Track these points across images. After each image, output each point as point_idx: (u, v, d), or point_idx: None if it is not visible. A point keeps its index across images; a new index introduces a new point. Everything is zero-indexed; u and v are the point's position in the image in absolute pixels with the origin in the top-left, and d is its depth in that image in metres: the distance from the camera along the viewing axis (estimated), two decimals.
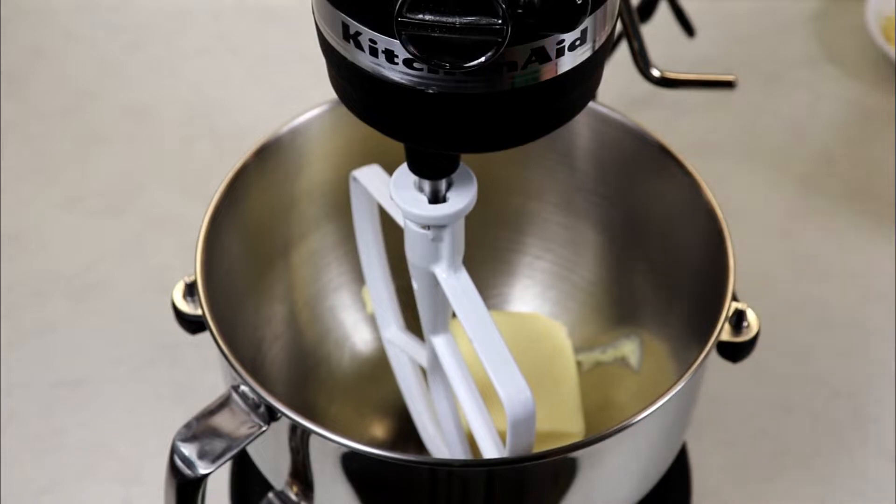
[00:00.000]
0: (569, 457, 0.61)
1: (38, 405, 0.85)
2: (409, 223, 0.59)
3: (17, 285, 0.92)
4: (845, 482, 0.81)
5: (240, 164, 0.72)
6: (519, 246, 0.83)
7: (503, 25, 0.45)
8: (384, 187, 0.66)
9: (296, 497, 0.67)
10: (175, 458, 0.61)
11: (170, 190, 0.99)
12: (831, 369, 0.87)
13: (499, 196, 0.80)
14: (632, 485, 0.68)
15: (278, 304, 0.78)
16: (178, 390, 0.86)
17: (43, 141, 1.03)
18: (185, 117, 1.05)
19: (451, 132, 0.51)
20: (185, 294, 0.69)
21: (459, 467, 0.63)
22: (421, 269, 0.61)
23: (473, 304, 0.59)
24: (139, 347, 0.88)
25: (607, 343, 0.81)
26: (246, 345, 0.73)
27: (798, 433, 0.84)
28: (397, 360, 0.76)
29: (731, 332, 0.68)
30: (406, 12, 0.45)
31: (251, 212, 0.73)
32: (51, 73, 1.09)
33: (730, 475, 0.82)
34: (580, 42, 0.49)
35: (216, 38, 1.13)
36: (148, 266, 0.93)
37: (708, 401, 0.81)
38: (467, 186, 0.58)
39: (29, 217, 0.97)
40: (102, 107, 1.06)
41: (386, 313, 0.75)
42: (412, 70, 0.49)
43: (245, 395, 0.62)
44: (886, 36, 1.09)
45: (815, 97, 1.07)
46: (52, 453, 0.83)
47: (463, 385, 0.64)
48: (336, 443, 0.60)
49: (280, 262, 0.78)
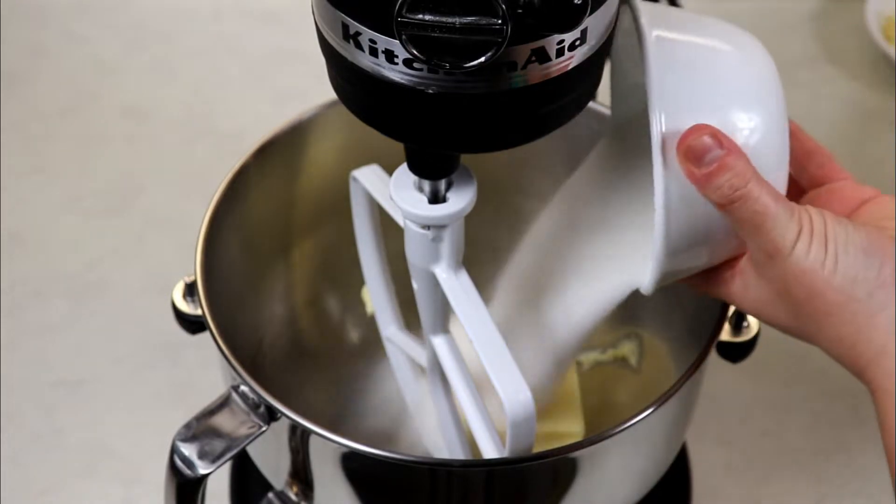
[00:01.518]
0: (569, 457, 0.61)
1: (38, 405, 0.85)
2: (409, 223, 0.59)
3: (17, 285, 0.92)
4: (845, 482, 0.81)
5: (240, 164, 0.72)
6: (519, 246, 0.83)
7: (503, 25, 0.45)
8: (384, 187, 0.66)
9: (296, 497, 0.67)
10: (175, 458, 0.61)
11: (170, 190, 0.99)
12: (831, 369, 0.87)
13: (499, 196, 0.80)
14: (632, 485, 0.68)
15: (278, 304, 0.78)
16: (178, 390, 0.86)
17: (43, 141, 1.03)
18: (185, 117, 1.05)
19: (451, 132, 0.51)
20: (185, 294, 0.69)
21: (459, 467, 0.63)
22: (421, 269, 0.61)
23: (473, 304, 0.59)
24: (139, 347, 0.88)
25: (607, 343, 0.81)
26: (246, 345, 0.73)
27: (798, 433, 0.84)
28: (397, 359, 0.76)
29: (731, 332, 0.68)
30: (406, 12, 0.45)
31: (251, 212, 0.73)
32: (51, 73, 1.09)
33: (730, 475, 0.82)
34: (580, 42, 0.49)
35: (216, 38, 1.13)
36: (148, 266, 0.93)
37: (708, 401, 0.81)
38: (467, 186, 0.58)
39: (29, 217, 0.97)
40: (102, 107, 1.06)
41: (386, 313, 0.75)
42: (412, 70, 0.49)
43: (245, 395, 0.62)
44: (886, 36, 1.09)
45: (815, 97, 1.07)
46: (52, 453, 0.83)
47: (463, 385, 0.64)
48: (336, 443, 0.60)
49: (280, 262, 0.78)
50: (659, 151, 0.54)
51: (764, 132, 0.55)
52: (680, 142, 0.54)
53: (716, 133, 0.54)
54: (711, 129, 0.54)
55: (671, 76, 0.55)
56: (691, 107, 0.55)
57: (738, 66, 0.57)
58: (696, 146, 0.53)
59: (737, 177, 0.53)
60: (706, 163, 0.53)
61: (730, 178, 0.53)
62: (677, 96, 0.55)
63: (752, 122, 0.55)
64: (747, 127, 0.55)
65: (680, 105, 0.55)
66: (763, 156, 0.55)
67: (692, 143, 0.54)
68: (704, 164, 0.53)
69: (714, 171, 0.53)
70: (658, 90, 0.54)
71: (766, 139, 0.55)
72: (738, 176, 0.53)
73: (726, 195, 0.54)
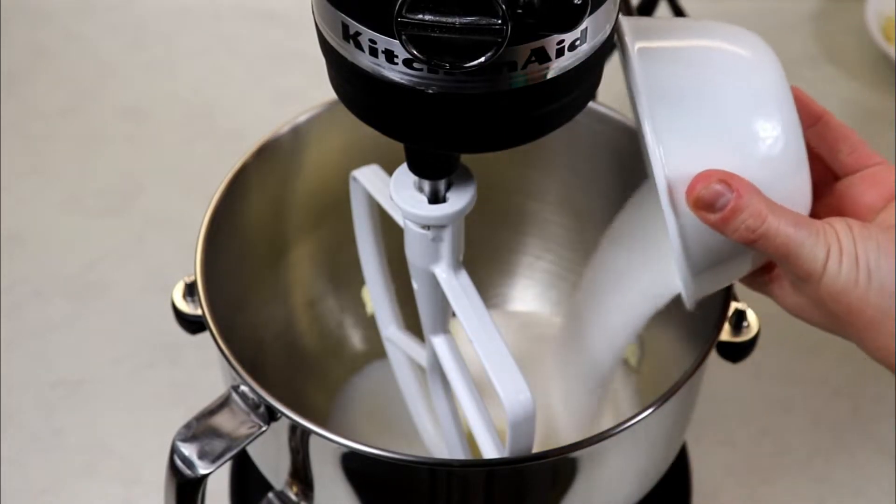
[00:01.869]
0: (569, 457, 0.61)
1: (38, 405, 0.85)
2: (409, 223, 0.59)
3: (17, 285, 0.92)
4: (845, 482, 0.81)
5: (240, 164, 0.72)
6: (519, 246, 0.83)
7: (503, 25, 0.45)
8: (384, 187, 0.66)
9: (296, 497, 0.67)
10: (175, 458, 0.61)
11: (170, 190, 0.99)
12: (831, 369, 0.87)
13: (499, 196, 0.80)
14: (632, 485, 0.68)
15: (278, 305, 0.78)
16: (178, 390, 0.86)
17: (43, 141, 1.03)
18: (185, 117, 1.05)
19: (451, 132, 0.51)
20: (185, 294, 0.69)
21: (459, 467, 0.63)
22: (421, 269, 0.61)
23: (473, 304, 0.59)
24: (139, 347, 0.88)
25: None
26: (246, 345, 0.73)
27: (798, 433, 0.84)
28: (397, 359, 0.76)
29: (731, 332, 0.68)
30: (406, 12, 0.45)
31: (251, 212, 0.73)
32: (51, 73, 1.09)
33: (730, 475, 0.82)
34: (580, 42, 0.49)
35: (216, 38, 1.13)
36: (148, 266, 0.93)
37: (708, 401, 0.81)
38: (467, 186, 0.58)
39: (29, 217, 0.97)
40: (102, 107, 1.06)
41: (386, 313, 0.75)
42: (412, 70, 0.48)
43: (245, 395, 0.62)
44: (886, 36, 1.09)
45: (815, 97, 1.07)
46: (52, 453, 0.83)
47: (462, 385, 0.64)
48: (336, 443, 0.60)
49: (280, 262, 0.78)
50: (665, 193, 0.53)
51: (777, 141, 0.54)
52: (688, 192, 0.53)
53: (724, 178, 0.52)
54: (719, 174, 0.52)
55: (663, 109, 0.53)
56: (694, 138, 0.53)
57: (742, 76, 0.55)
58: (706, 196, 0.52)
59: (752, 217, 0.52)
60: (718, 208, 0.52)
61: (745, 218, 0.52)
62: (676, 130, 0.53)
63: (765, 133, 0.54)
64: (760, 139, 0.54)
65: (681, 138, 0.53)
66: (779, 165, 0.54)
67: (701, 193, 0.52)
68: (717, 210, 0.52)
69: (728, 216, 0.52)
70: (651, 126, 0.53)
71: (780, 148, 0.54)
72: (753, 216, 0.52)
73: (745, 237, 0.53)
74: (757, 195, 0.53)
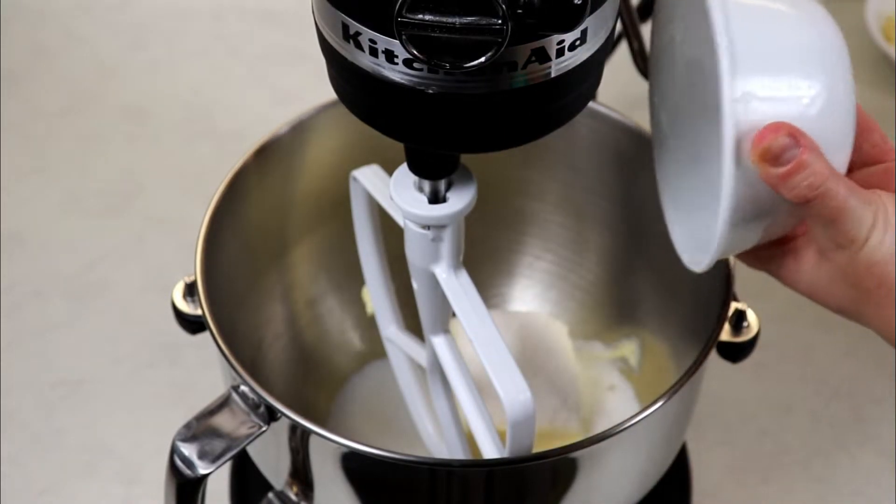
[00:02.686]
0: (569, 457, 0.61)
1: (38, 405, 0.85)
2: (409, 223, 0.59)
3: (17, 285, 0.92)
4: (845, 482, 0.81)
5: (240, 164, 0.72)
6: (519, 246, 0.83)
7: (503, 25, 0.45)
8: (384, 187, 0.66)
9: (296, 497, 0.67)
10: (175, 458, 0.61)
11: (170, 190, 0.99)
12: (831, 369, 0.87)
13: (499, 196, 0.80)
14: (632, 485, 0.68)
15: (278, 304, 0.78)
16: (178, 390, 0.86)
17: (43, 141, 1.03)
18: (185, 117, 1.05)
19: (451, 132, 0.51)
20: (185, 294, 0.69)
21: (459, 467, 0.63)
22: (421, 269, 0.61)
23: (473, 304, 0.59)
24: (139, 347, 0.88)
25: (607, 343, 0.81)
26: (246, 345, 0.73)
27: (798, 433, 0.84)
28: (397, 359, 0.76)
29: (731, 332, 0.68)
30: (406, 12, 0.45)
31: (251, 212, 0.73)
32: (51, 73, 1.09)
33: (730, 475, 0.82)
34: (580, 42, 0.49)
35: (216, 38, 1.13)
36: (148, 266, 0.93)
37: (708, 401, 0.81)
38: (467, 186, 0.58)
39: (29, 217, 0.97)
40: (102, 107, 1.06)
41: (386, 313, 0.75)
42: (412, 70, 0.49)
43: (245, 395, 0.62)
44: (886, 36, 1.09)
45: None
46: (52, 453, 0.83)
47: (463, 385, 0.64)
48: (336, 443, 0.60)
49: (280, 262, 0.78)
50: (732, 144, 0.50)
51: (840, 105, 0.52)
52: (755, 143, 0.51)
53: (794, 132, 0.51)
54: (789, 127, 0.51)
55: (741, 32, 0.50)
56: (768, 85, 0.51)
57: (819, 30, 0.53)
58: (774, 148, 0.51)
59: (814, 175, 0.51)
60: (783, 162, 0.51)
61: (807, 176, 0.51)
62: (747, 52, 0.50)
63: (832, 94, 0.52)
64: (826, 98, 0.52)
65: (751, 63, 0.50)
66: (832, 130, 0.52)
67: (770, 144, 0.51)
68: (782, 164, 0.51)
69: (791, 171, 0.51)
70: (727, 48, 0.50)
71: (840, 113, 0.52)
72: (815, 174, 0.51)
73: (803, 195, 0.51)
74: (820, 154, 0.52)
